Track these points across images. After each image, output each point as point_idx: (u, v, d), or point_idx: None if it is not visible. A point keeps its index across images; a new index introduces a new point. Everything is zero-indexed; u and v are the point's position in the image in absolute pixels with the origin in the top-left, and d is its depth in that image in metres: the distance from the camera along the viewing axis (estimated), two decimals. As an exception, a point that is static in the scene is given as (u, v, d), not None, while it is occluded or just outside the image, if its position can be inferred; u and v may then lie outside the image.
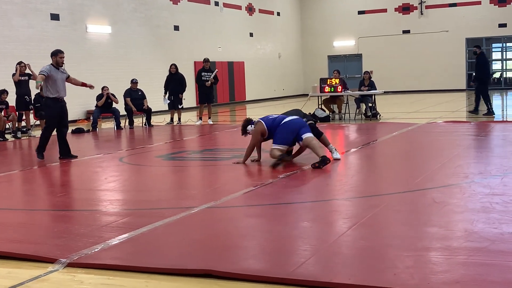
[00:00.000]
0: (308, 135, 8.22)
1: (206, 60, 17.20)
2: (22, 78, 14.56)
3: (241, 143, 12.11)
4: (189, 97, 17.54)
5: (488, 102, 15.61)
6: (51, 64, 9.85)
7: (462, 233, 4.50)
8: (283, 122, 8.37)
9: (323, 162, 7.82)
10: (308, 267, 3.86)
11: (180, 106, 17.00)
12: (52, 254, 4.35)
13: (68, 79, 10.14)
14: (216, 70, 17.52)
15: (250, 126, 8.68)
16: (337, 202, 6.05)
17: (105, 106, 16.08)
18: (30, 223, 5.58)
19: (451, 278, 3.56)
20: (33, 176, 8.61)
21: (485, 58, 16.76)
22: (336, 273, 3.76)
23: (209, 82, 16.83)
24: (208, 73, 16.95)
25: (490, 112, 15.43)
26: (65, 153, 9.96)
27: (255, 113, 20.27)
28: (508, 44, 31.35)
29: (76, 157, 9.94)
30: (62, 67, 9.98)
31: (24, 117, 14.88)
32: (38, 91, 10.37)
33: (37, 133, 15.16)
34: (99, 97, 16.14)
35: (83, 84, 10.64)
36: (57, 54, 9.89)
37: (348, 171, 7.96)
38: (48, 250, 4.46)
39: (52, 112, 9.89)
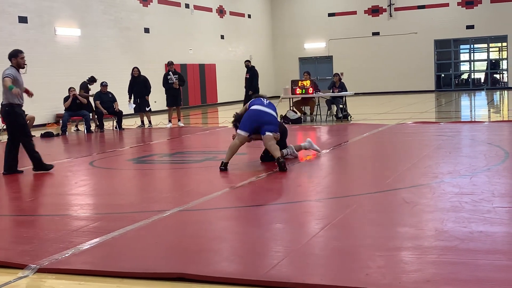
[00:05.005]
0: (267, 134, 8.05)
1: (170, 63, 17.30)
2: None
3: (213, 145, 12.10)
4: (160, 100, 17.44)
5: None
6: (12, 66, 8.48)
7: (432, 233, 4.56)
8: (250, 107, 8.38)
9: (280, 167, 7.70)
10: (281, 269, 3.87)
11: (147, 109, 16.91)
12: (22, 260, 4.28)
13: None
14: (176, 75, 17.20)
15: None
16: (309, 204, 6.07)
17: (74, 108, 15.87)
18: (-1, 229, 5.49)
19: (422, 277, 3.59)
20: (0, 181, 8.44)
21: (256, 71, 19.36)
22: (309, 274, 3.77)
23: (175, 83, 16.78)
24: (175, 76, 16.94)
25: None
26: (12, 168, 8.64)
27: (228, 115, 20.23)
28: (475, 46, 31.88)
29: (22, 172, 8.72)
30: (24, 70, 8.65)
31: None
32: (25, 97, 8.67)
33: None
34: (66, 99, 15.96)
35: (26, 91, 8.77)
36: (17, 55, 8.48)
37: (320, 172, 8.00)
38: (18, 256, 4.38)
39: (22, 119, 8.66)
